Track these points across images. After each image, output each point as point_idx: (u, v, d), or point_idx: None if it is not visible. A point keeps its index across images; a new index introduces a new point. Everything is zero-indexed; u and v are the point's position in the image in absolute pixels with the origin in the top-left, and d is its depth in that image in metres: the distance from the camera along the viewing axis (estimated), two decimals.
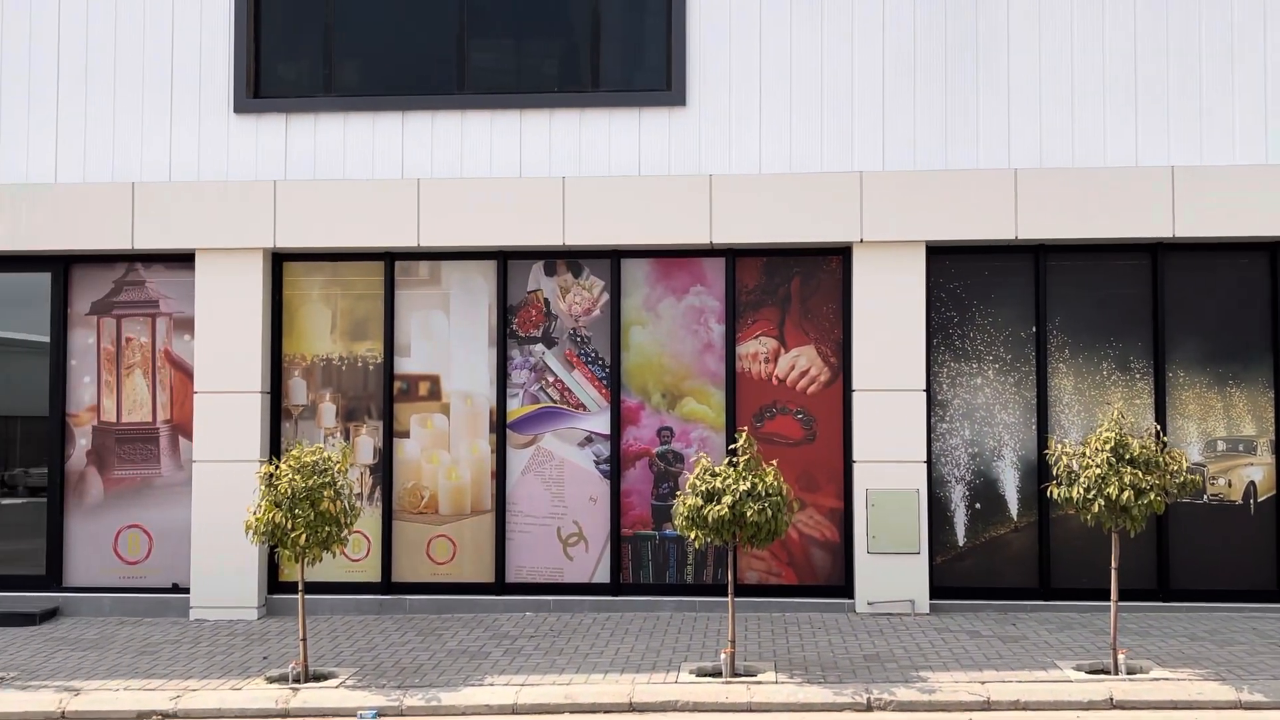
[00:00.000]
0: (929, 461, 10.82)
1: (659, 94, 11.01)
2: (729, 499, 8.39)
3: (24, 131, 11.21)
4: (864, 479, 10.69)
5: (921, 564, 10.63)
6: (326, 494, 8.61)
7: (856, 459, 10.74)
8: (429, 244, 11.01)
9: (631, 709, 8.14)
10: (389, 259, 11.25)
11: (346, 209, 11.02)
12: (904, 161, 10.83)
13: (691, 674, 8.68)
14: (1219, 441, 10.85)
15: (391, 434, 11.20)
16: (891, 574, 10.62)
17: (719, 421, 11.01)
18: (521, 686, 8.47)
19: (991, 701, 8.10)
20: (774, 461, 8.88)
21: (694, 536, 8.56)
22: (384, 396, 11.22)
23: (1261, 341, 10.88)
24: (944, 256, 11.00)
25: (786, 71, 10.95)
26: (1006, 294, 11.03)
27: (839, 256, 11.08)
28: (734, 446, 8.77)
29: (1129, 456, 8.48)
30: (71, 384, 11.41)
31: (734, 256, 11.08)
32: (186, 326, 11.33)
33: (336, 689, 8.48)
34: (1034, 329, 10.98)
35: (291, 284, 11.35)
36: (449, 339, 11.29)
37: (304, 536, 8.51)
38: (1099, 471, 8.44)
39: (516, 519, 11.13)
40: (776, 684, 8.41)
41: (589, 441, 11.12)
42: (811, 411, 11.03)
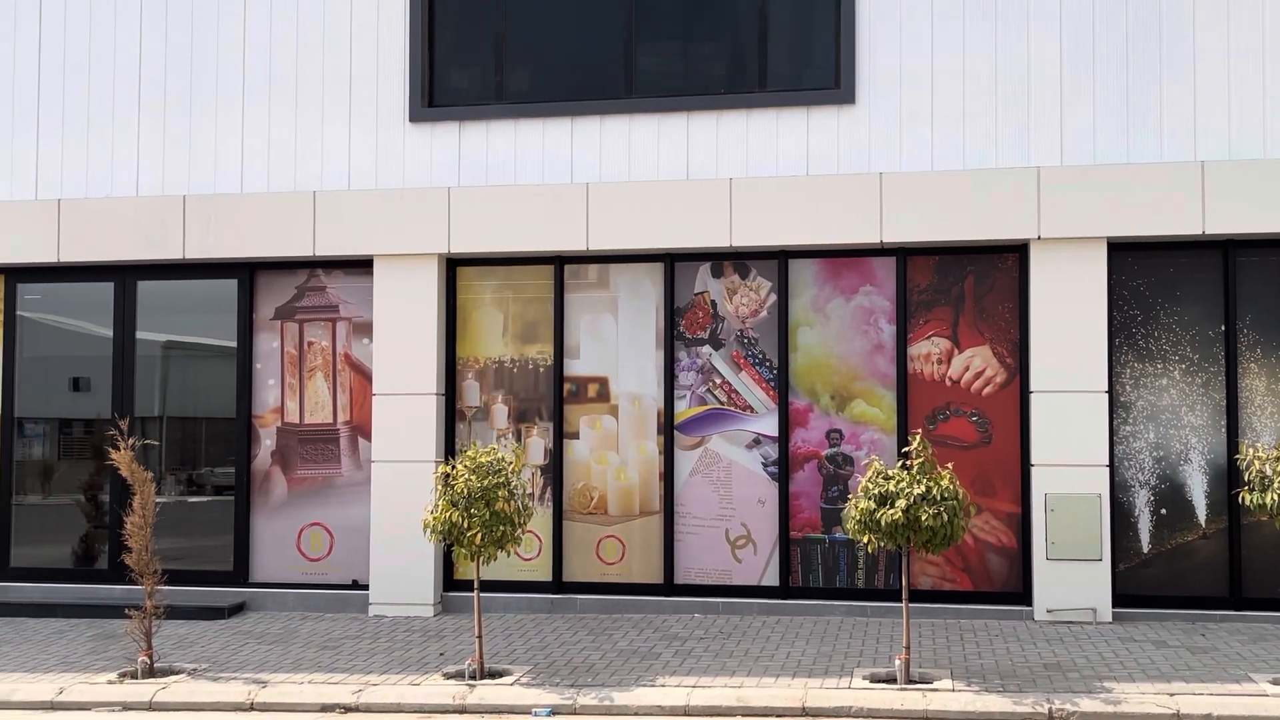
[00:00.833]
0: (1111, 465, 10.46)
1: (827, 92, 10.90)
2: (903, 503, 8.25)
3: (211, 144, 11.68)
4: (1042, 483, 10.40)
5: (1103, 571, 10.28)
6: (501, 494, 8.75)
7: (1034, 462, 10.44)
8: (597, 247, 11.11)
9: (804, 714, 8.06)
10: (558, 262, 11.38)
11: (517, 214, 11.19)
12: (1083, 156, 10.50)
13: (865, 680, 8.55)
14: None
15: (561, 435, 11.33)
16: (1072, 581, 10.30)
17: (890, 424, 10.84)
18: (693, 688, 8.46)
19: (1181, 715, 7.78)
20: (949, 465, 8.69)
21: (866, 540, 8.43)
22: (554, 398, 11.36)
23: None
24: (1126, 253, 10.62)
25: (959, 65, 10.72)
26: (1193, 291, 10.60)
27: (1015, 254, 10.80)
28: (907, 449, 8.62)
29: None
30: (257, 387, 11.84)
31: (905, 255, 10.89)
32: (365, 330, 11.65)
33: (511, 686, 8.60)
34: (1223, 327, 10.52)
35: (465, 288, 11.57)
36: (617, 341, 11.37)
37: (479, 536, 8.66)
38: None
39: (685, 520, 11.14)
40: (953, 691, 8.23)
41: (757, 443, 11.07)
42: (986, 414, 10.77)
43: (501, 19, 11.55)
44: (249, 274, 11.82)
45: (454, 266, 11.56)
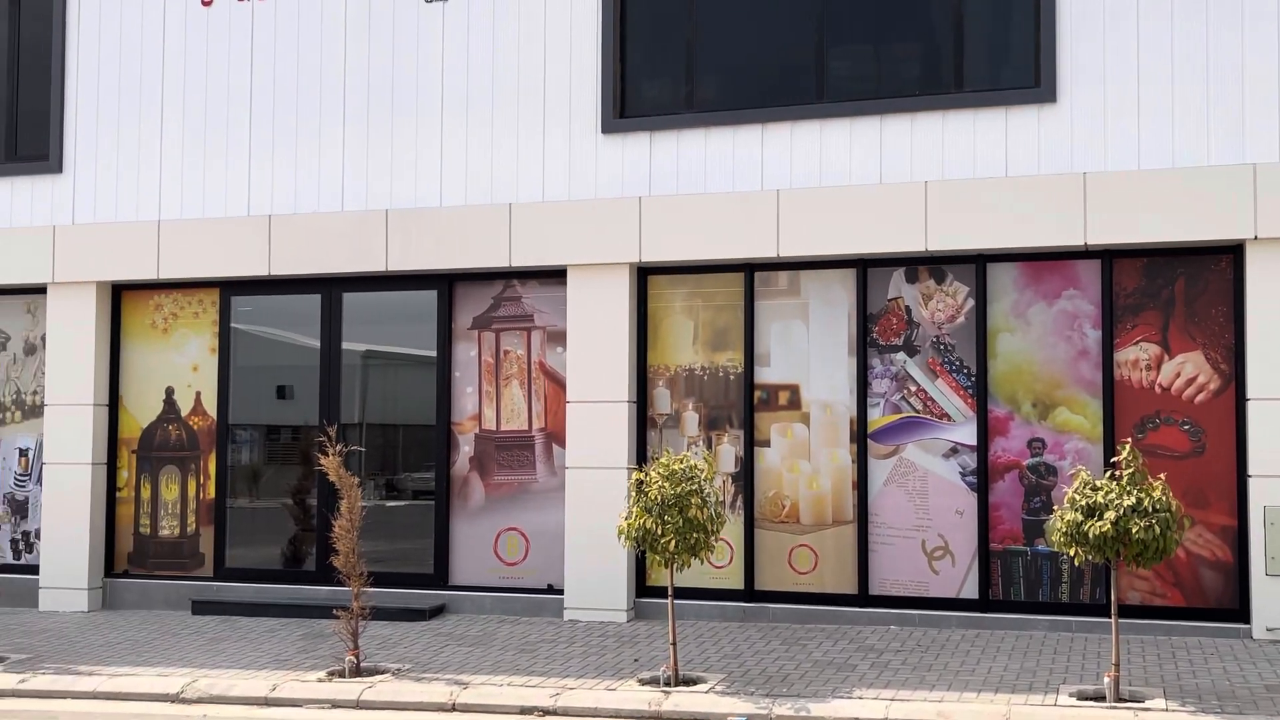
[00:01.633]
0: None
1: (1026, 91, 10.60)
2: (1112, 514, 7.94)
3: (412, 159, 12.03)
4: (1261, 495, 9.88)
5: None
6: (694, 501, 8.75)
7: (1252, 473, 9.94)
8: (788, 254, 11.04)
9: None
10: (749, 270, 11.35)
11: (708, 222, 11.20)
12: None
13: (1071, 697, 8.26)
14: None
15: (752, 443, 11.29)
16: None
17: (1095, 432, 10.46)
18: (891, 701, 8.31)
19: None
20: (1161, 475, 8.33)
21: (1073, 553, 8.15)
22: (744, 406, 11.32)
23: None
24: None
25: (1166, 60, 10.29)
26: None
27: (1229, 255, 10.30)
28: (1115, 459, 8.30)
29: None
30: (455, 394, 12.13)
31: (1110, 258, 10.50)
32: (559, 339, 11.82)
33: (706, 694, 8.59)
34: None
35: (655, 296, 11.64)
36: (808, 348, 11.27)
37: (673, 542, 8.68)
38: None
39: (879, 530, 10.96)
40: (1166, 712, 7.88)
41: (954, 453, 10.82)
42: (1199, 422, 10.30)
43: (692, 28, 11.59)
44: (448, 285, 12.12)
45: (645, 275, 11.63)
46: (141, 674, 9.65)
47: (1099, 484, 8.17)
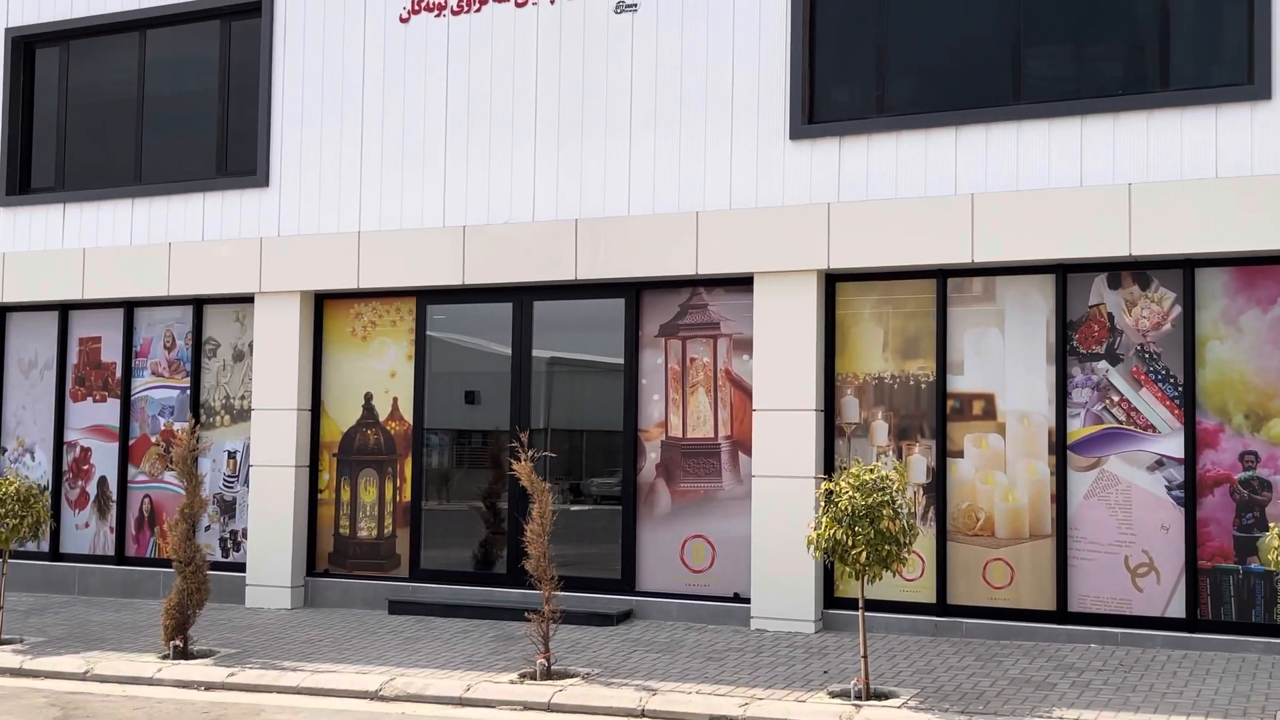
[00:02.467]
0: None
1: (1238, 89, 10.11)
2: None
3: (600, 169, 12.16)
4: None
5: None
6: (886, 512, 8.59)
7: None
8: (983, 259, 10.77)
9: None
10: (941, 276, 11.11)
11: (898, 227, 11.01)
12: None
13: None
14: None
15: (945, 453, 11.03)
16: None
17: None
18: None
19: None
20: None
21: None
22: (936, 415, 11.08)
23: None
24: None
25: None
26: None
27: None
28: None
29: None
30: (642, 401, 12.20)
31: None
32: (745, 347, 11.78)
33: (899, 709, 8.42)
34: None
35: (844, 303, 11.50)
36: (1003, 356, 10.96)
37: (864, 554, 8.54)
38: None
39: (1079, 545, 10.58)
40: None
41: (1159, 465, 10.37)
42: None
43: (882, 30, 11.42)
44: (635, 293, 12.20)
45: (833, 282, 11.50)
46: (342, 671, 9.96)
47: None
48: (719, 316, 11.97)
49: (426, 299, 13.01)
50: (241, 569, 13.39)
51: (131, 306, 14.30)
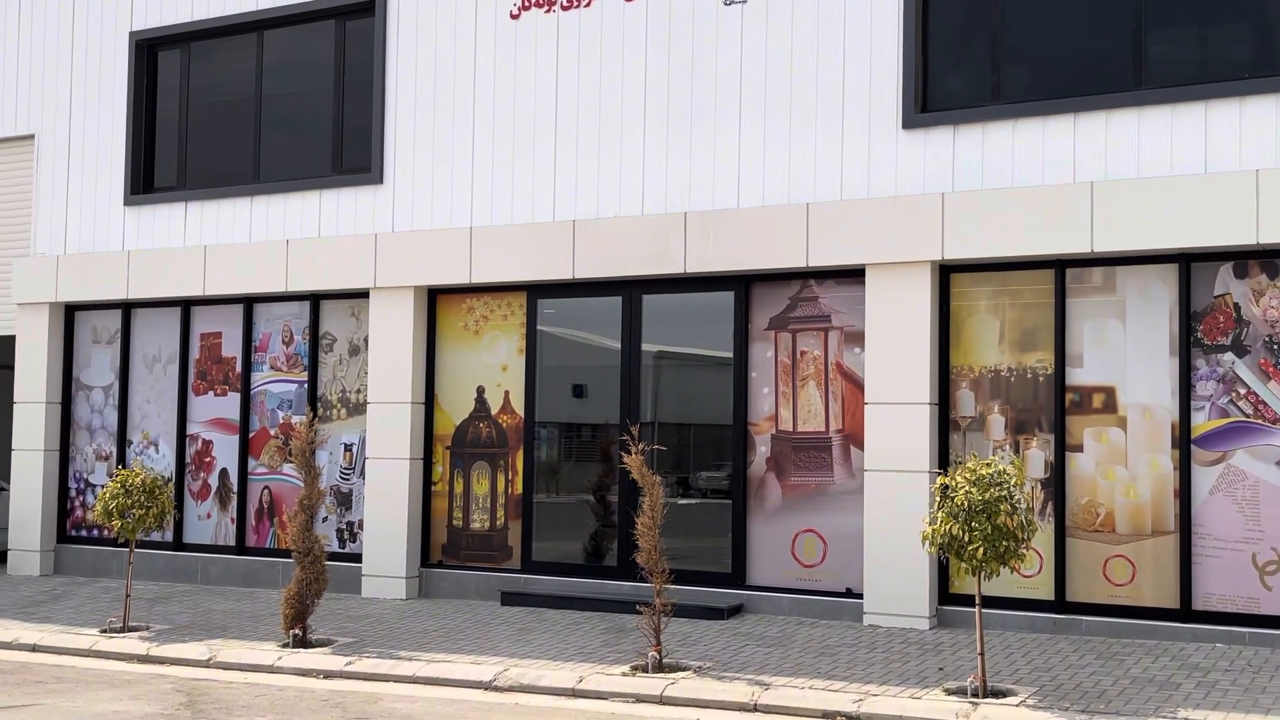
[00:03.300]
0: None
1: None
2: None
3: (709, 161, 12.11)
4: None
5: None
6: (1003, 507, 8.44)
7: None
8: (1103, 249, 10.51)
9: None
10: (1059, 266, 10.87)
11: (1014, 217, 10.80)
12: None
13: None
14: None
15: (1063, 447, 10.80)
16: None
17: None
18: None
19: None
20: None
21: None
22: (1054, 409, 10.85)
23: None
24: None
25: None
26: None
27: None
28: None
29: None
30: (752, 395, 12.14)
31: None
32: (856, 339, 11.66)
33: (1017, 707, 8.27)
34: None
35: (958, 295, 11.31)
36: (1124, 348, 10.70)
37: (981, 550, 8.40)
38: None
39: (1203, 542, 10.29)
40: None
41: None
42: None
43: (997, 17, 11.21)
44: (744, 286, 12.15)
45: (947, 273, 11.32)
46: (456, 661, 10.09)
47: None
48: (830, 309, 11.86)
49: (537, 293, 13.10)
50: (358, 559, 13.63)
51: (250, 302, 14.64)
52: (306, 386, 14.26)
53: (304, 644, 10.72)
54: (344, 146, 14.14)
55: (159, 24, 15.15)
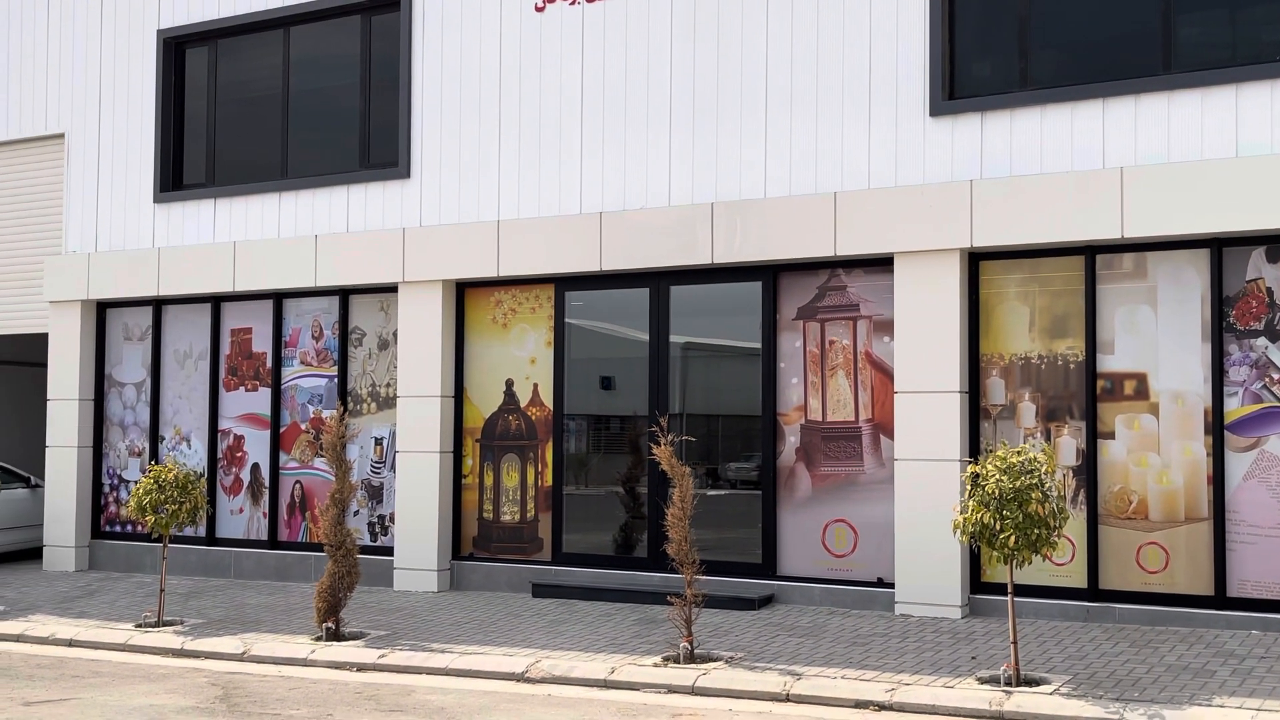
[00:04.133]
0: None
1: None
2: None
3: (736, 152, 12.10)
4: None
5: None
6: (1034, 495, 8.40)
7: None
8: (1133, 235, 10.44)
9: None
10: (1089, 253, 10.81)
11: (1044, 204, 10.74)
12: None
13: None
14: None
15: (1095, 435, 10.74)
16: None
17: None
18: (1257, 711, 7.73)
19: None
20: None
21: None
22: (1086, 396, 10.79)
23: None
24: None
25: None
26: None
27: None
28: None
29: None
30: (780, 385, 12.12)
31: None
32: (885, 328, 11.62)
33: (1050, 695, 8.24)
34: None
35: (987, 283, 11.26)
36: (1156, 334, 10.63)
37: (1013, 538, 8.37)
38: None
39: (1238, 528, 10.22)
40: None
41: None
42: None
43: (1024, 3, 11.13)
44: (772, 276, 12.13)
45: (976, 261, 11.27)
46: (488, 653, 10.13)
47: None
48: (858, 298, 11.82)
49: (565, 285, 13.12)
50: (389, 553, 13.70)
51: (280, 298, 14.72)
52: (336, 381, 14.33)
53: (337, 637, 10.78)
54: (371, 141, 14.19)
55: (186, 22, 15.24)
